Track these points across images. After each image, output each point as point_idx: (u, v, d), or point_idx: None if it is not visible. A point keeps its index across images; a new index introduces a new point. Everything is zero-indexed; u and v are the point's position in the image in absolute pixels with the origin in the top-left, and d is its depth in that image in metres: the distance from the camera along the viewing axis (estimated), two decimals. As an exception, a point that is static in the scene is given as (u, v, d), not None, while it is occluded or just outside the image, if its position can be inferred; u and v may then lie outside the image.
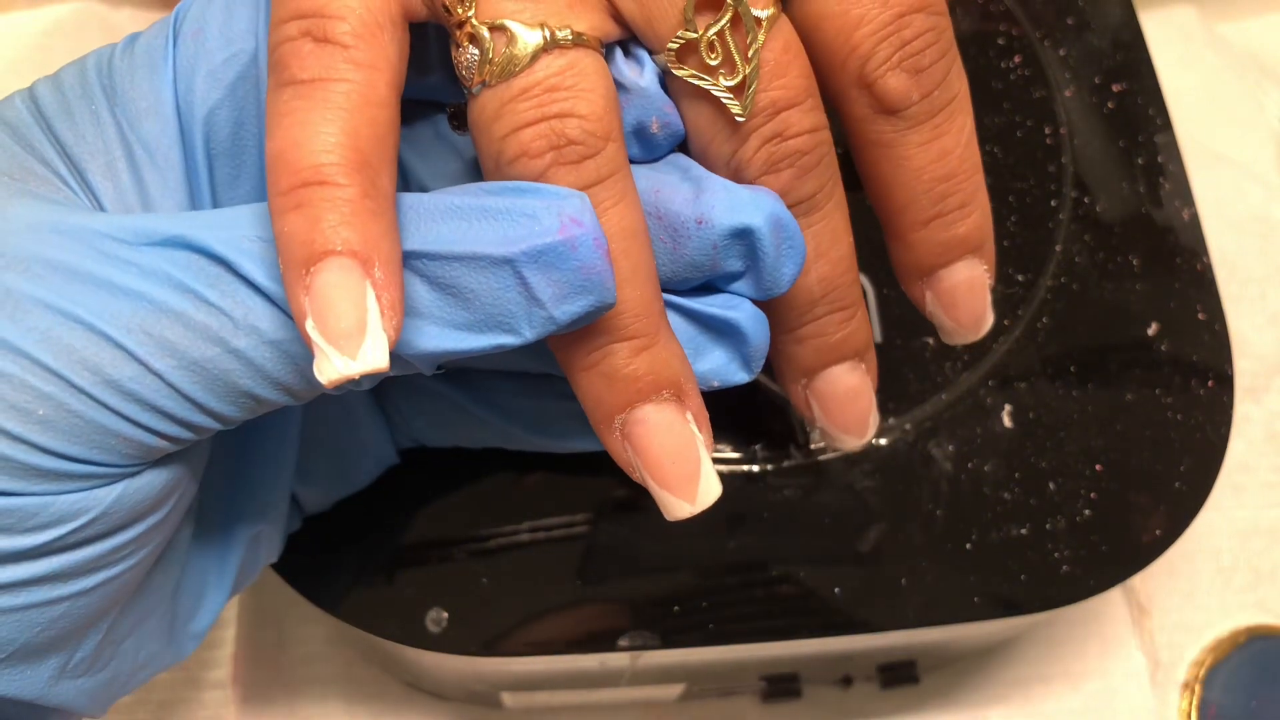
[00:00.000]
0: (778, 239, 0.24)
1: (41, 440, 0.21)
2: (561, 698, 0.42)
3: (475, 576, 0.34)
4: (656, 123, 0.25)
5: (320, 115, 0.21)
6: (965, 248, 0.27)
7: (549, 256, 0.21)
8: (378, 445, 0.33)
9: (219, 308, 0.22)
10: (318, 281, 0.20)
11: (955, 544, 0.35)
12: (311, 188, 0.20)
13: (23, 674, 0.23)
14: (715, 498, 0.25)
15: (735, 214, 0.24)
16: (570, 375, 0.24)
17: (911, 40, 0.25)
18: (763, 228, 0.24)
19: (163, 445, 0.23)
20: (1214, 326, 0.38)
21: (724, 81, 0.24)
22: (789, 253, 0.25)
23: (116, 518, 0.23)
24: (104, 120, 0.24)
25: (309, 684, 0.43)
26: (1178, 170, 0.40)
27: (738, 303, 0.25)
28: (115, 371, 0.21)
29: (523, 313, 0.22)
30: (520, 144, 0.23)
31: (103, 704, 0.27)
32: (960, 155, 0.26)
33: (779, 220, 0.24)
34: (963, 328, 0.28)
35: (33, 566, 0.22)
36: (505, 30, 0.22)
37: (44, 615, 0.23)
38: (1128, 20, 0.43)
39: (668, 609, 0.34)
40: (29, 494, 0.21)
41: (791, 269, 0.25)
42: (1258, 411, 0.48)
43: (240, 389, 0.22)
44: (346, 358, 0.20)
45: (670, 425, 0.24)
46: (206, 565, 0.29)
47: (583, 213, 0.22)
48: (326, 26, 0.21)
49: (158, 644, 0.28)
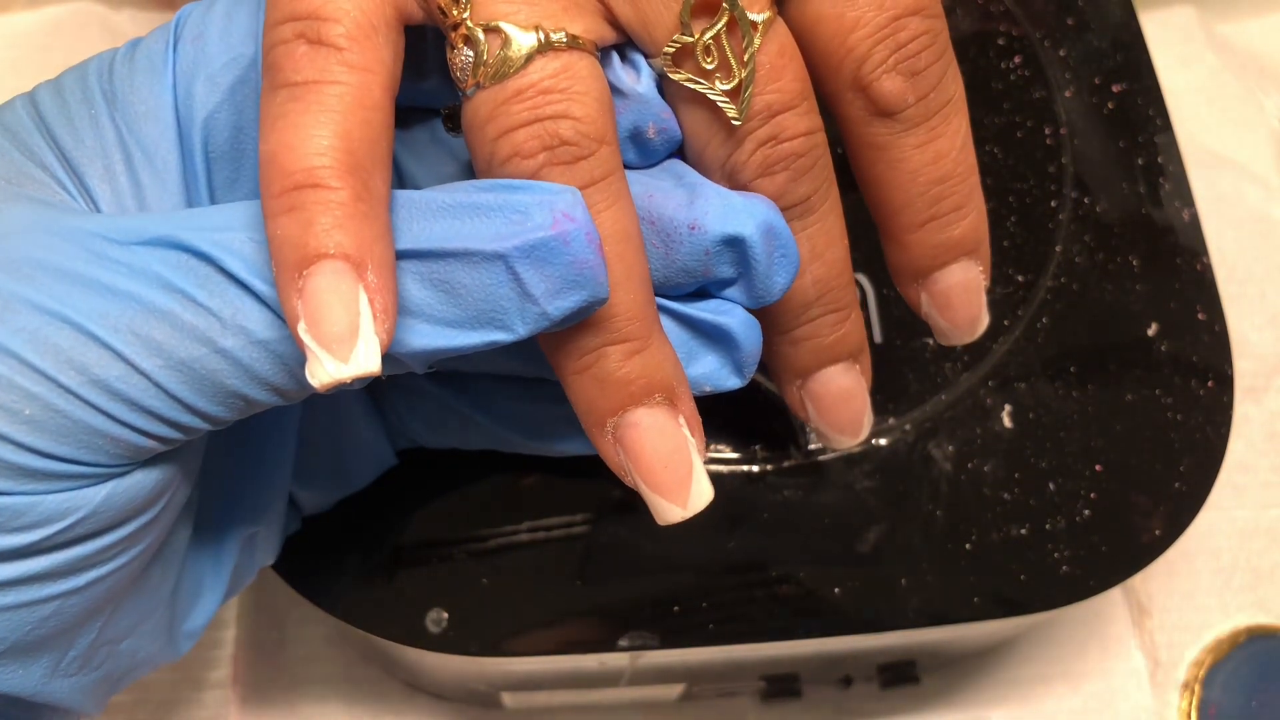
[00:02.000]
0: (769, 247, 0.24)
1: (28, 440, 0.21)
2: (561, 698, 0.42)
3: (475, 576, 0.34)
4: (653, 128, 0.25)
5: (314, 118, 0.21)
6: (960, 250, 0.27)
7: (541, 251, 0.21)
8: (375, 446, 0.33)
9: (207, 307, 0.22)
10: (310, 285, 0.20)
11: (955, 544, 0.35)
12: (304, 190, 0.20)
13: (15, 672, 0.24)
14: (707, 502, 0.25)
15: (728, 221, 0.24)
16: (563, 378, 0.24)
17: (907, 43, 0.25)
18: (754, 235, 0.24)
19: (152, 445, 0.23)
20: (1214, 326, 0.38)
21: (720, 85, 0.24)
22: (781, 262, 0.25)
23: (106, 517, 0.23)
24: (103, 124, 0.25)
25: (309, 684, 0.43)
26: (1178, 170, 0.40)
27: (730, 308, 0.25)
28: (102, 371, 0.21)
29: (515, 309, 0.22)
30: (513, 144, 0.23)
31: (98, 701, 0.27)
32: (956, 158, 0.26)
33: (772, 228, 0.24)
34: (958, 330, 0.28)
35: (21, 566, 0.22)
36: (500, 32, 0.22)
37: (34, 614, 0.23)
38: (1128, 20, 0.43)
39: (668, 609, 0.34)
40: (16, 493, 0.22)
41: (784, 279, 0.25)
42: (1258, 411, 0.48)
43: (228, 389, 0.22)
44: (339, 361, 0.20)
45: (663, 429, 0.24)
46: (202, 565, 0.29)
47: (574, 207, 0.22)
48: (321, 29, 0.21)
49: (155, 644, 0.28)
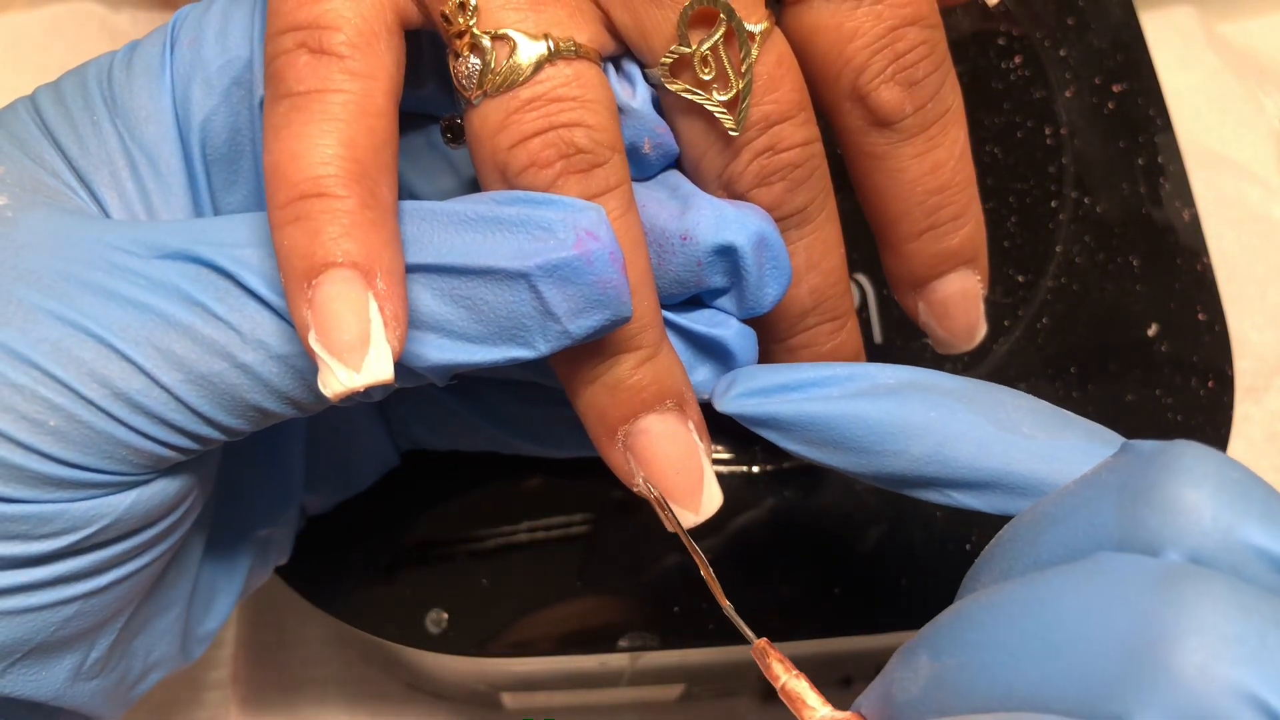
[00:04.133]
0: (760, 258, 0.24)
1: (53, 450, 0.21)
2: (561, 698, 0.42)
3: (475, 577, 0.34)
4: (649, 143, 0.25)
5: (317, 127, 0.21)
6: (958, 259, 0.27)
7: (564, 271, 0.21)
8: (379, 448, 0.33)
9: (227, 322, 0.22)
10: (319, 294, 0.20)
11: (955, 544, 0.35)
12: (310, 200, 0.20)
13: (39, 674, 0.24)
14: (717, 507, 0.25)
15: (720, 231, 0.24)
16: (571, 386, 0.24)
17: (905, 53, 0.25)
18: (746, 246, 0.24)
19: (173, 455, 0.23)
20: (1214, 326, 0.38)
21: (717, 96, 0.24)
22: (773, 273, 0.25)
23: (129, 523, 0.23)
24: (105, 130, 0.25)
25: (309, 684, 0.43)
26: (1178, 170, 0.40)
27: (724, 319, 0.25)
28: (124, 384, 0.21)
29: (537, 327, 0.22)
30: (529, 153, 0.22)
31: (115, 708, 0.27)
32: (953, 168, 0.26)
33: (764, 239, 0.24)
34: (955, 338, 0.28)
35: (47, 570, 0.22)
36: (508, 40, 0.22)
37: (58, 615, 0.23)
38: (1128, 20, 0.43)
39: (668, 609, 0.34)
40: (43, 501, 0.22)
41: (775, 290, 0.25)
42: (1258, 411, 0.48)
43: (247, 402, 0.22)
44: (350, 370, 0.20)
45: (674, 434, 0.24)
46: (216, 569, 0.29)
47: (598, 226, 0.21)
48: (322, 38, 0.21)
49: (171, 646, 0.28)
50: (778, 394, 0.24)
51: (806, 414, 0.24)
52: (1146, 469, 0.19)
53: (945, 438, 0.23)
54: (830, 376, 0.24)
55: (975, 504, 0.23)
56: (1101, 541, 0.19)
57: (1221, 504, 0.18)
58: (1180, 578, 0.17)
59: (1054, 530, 0.20)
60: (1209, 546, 0.18)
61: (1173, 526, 0.18)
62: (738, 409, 0.24)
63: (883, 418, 0.23)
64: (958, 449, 0.23)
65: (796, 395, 0.24)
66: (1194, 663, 0.16)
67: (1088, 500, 0.20)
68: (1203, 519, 0.18)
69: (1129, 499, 0.19)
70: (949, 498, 0.24)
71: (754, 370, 0.25)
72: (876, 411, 0.23)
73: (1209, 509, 0.18)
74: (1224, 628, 0.16)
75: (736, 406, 0.24)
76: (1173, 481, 0.19)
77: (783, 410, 0.24)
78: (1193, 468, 0.19)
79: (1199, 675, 0.16)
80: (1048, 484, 0.23)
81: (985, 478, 0.23)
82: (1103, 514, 0.19)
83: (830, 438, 0.24)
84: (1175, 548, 0.18)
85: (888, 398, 0.23)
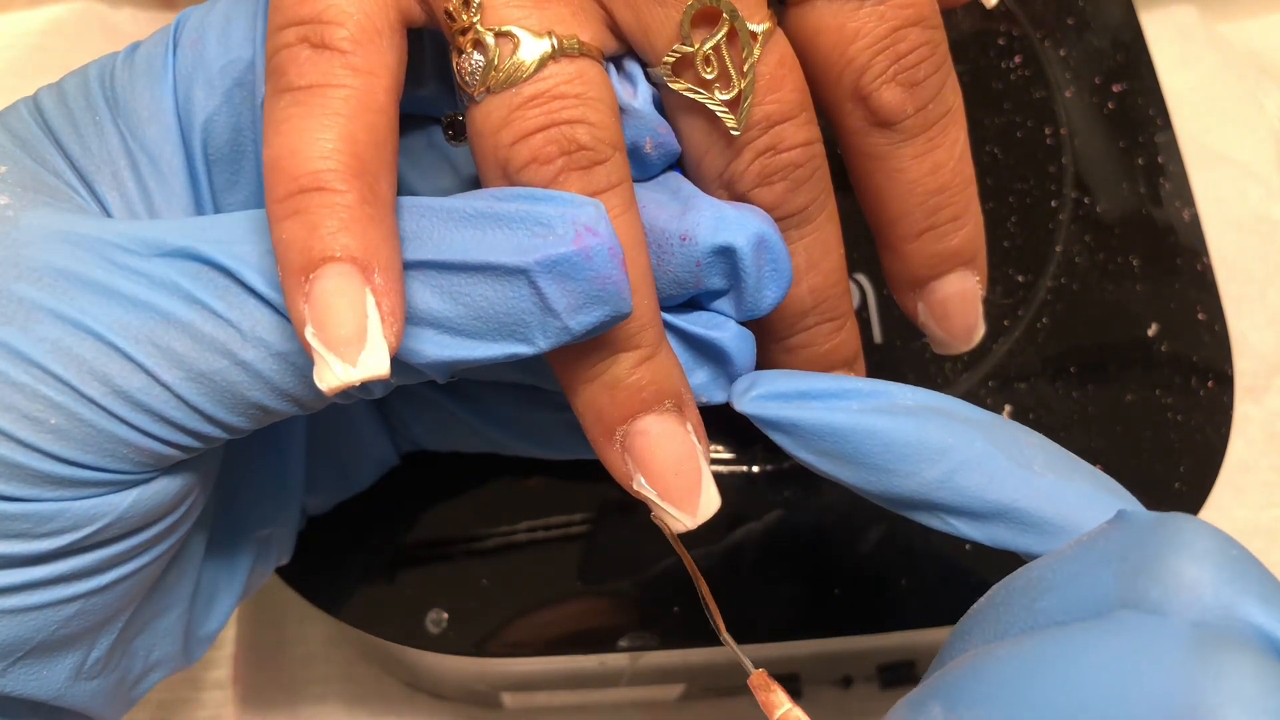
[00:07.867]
0: (759, 260, 0.24)
1: (54, 449, 0.21)
2: (561, 698, 0.42)
3: (475, 577, 0.34)
4: (650, 142, 0.25)
5: (318, 122, 0.21)
6: (957, 260, 0.27)
7: (564, 266, 0.21)
8: (378, 448, 0.33)
9: (227, 319, 0.22)
10: (317, 288, 0.20)
11: (955, 544, 0.35)
12: (309, 194, 0.20)
13: (39, 674, 0.24)
14: (715, 509, 0.24)
15: (719, 232, 0.24)
16: (569, 386, 0.24)
17: (907, 54, 0.25)
18: (745, 248, 0.24)
19: (174, 454, 0.23)
20: (1214, 326, 0.38)
21: (719, 95, 0.24)
22: (772, 275, 0.24)
23: (131, 522, 0.23)
24: (107, 131, 0.25)
25: (309, 684, 0.43)
26: (1178, 170, 0.40)
27: (722, 322, 0.25)
28: (124, 382, 0.21)
29: (537, 323, 0.22)
30: (531, 149, 0.22)
31: (116, 710, 0.27)
32: (953, 169, 0.26)
33: (763, 241, 0.24)
34: (954, 339, 0.28)
35: (48, 568, 0.22)
36: (511, 37, 0.22)
37: (59, 613, 0.23)
38: (1128, 20, 0.43)
39: (668, 609, 0.34)
40: (43, 500, 0.22)
41: (774, 293, 0.25)
42: (1258, 411, 0.48)
43: (248, 400, 0.22)
44: (346, 365, 0.20)
45: (672, 435, 0.24)
46: (217, 569, 0.29)
47: (598, 221, 0.21)
48: (324, 32, 0.21)
49: (173, 646, 0.28)
50: (797, 400, 0.24)
51: (825, 423, 0.24)
52: (1146, 541, 0.20)
53: (958, 465, 0.23)
54: (851, 390, 0.24)
55: (974, 534, 0.24)
56: (1100, 611, 0.19)
57: (1222, 581, 0.19)
58: (1216, 644, 0.17)
59: (1050, 596, 0.20)
60: (1211, 622, 0.18)
61: (1175, 600, 0.18)
62: (756, 410, 0.24)
63: (899, 437, 0.23)
64: (969, 477, 0.23)
65: (816, 404, 0.24)
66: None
67: (1087, 567, 0.20)
68: (1204, 594, 0.18)
69: (1130, 570, 0.19)
70: (948, 524, 0.24)
71: (775, 374, 0.25)
72: (894, 430, 0.23)
73: (1210, 585, 0.18)
74: (1263, 700, 0.16)
75: (755, 408, 0.24)
76: (1174, 555, 0.19)
77: (801, 417, 0.24)
78: (1193, 543, 0.19)
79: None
80: (1051, 524, 0.23)
81: (991, 509, 0.23)
82: (1102, 583, 0.20)
83: (844, 450, 0.24)
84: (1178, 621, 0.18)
85: (906, 418, 0.23)
